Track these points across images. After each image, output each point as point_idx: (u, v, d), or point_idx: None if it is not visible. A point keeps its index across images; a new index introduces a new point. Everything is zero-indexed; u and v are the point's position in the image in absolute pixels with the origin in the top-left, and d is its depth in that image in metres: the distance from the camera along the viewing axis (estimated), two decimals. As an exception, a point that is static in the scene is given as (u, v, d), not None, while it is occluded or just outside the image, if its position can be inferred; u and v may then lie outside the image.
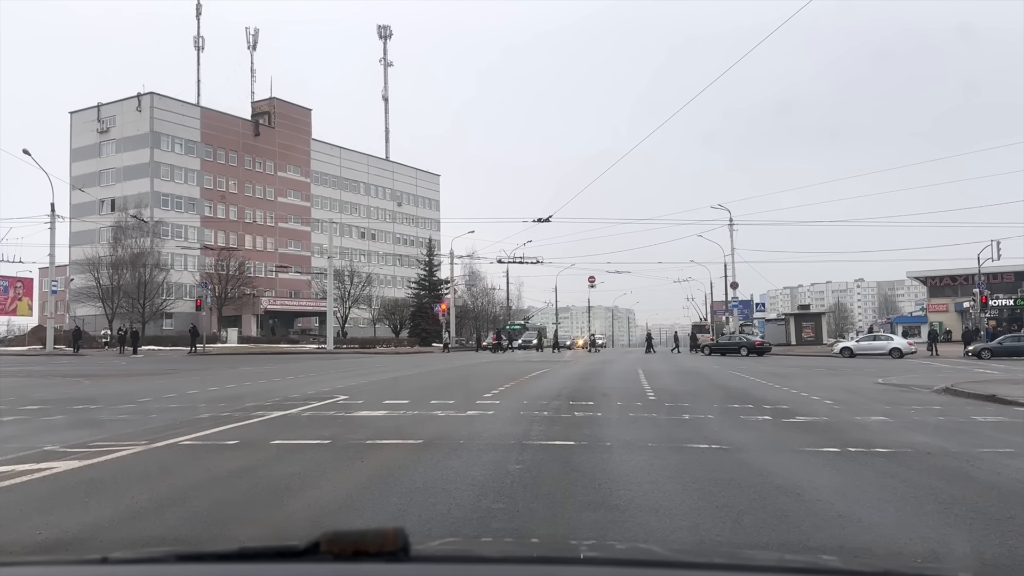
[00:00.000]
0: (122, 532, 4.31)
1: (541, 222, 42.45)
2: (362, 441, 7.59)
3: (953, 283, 66.71)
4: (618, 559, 1.58)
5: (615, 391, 14.86)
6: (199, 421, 9.49)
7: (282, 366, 26.85)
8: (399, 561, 1.21)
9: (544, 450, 7.08)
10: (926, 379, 18.84)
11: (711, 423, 9.49)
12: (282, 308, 72.82)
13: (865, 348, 36.94)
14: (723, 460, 6.57)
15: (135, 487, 5.52)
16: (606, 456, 6.73)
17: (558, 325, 78.64)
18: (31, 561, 1.78)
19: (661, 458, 6.68)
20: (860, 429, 8.99)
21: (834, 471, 6.14)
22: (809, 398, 13.33)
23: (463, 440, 7.65)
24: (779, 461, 6.58)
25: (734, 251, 51.39)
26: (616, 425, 9.19)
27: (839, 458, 6.76)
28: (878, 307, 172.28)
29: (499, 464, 6.27)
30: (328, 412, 10.61)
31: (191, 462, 6.60)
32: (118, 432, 8.56)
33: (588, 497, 5.06)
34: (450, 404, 11.58)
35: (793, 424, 9.51)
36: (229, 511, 4.87)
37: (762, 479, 5.70)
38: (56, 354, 40.37)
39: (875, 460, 6.63)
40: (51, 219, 43.08)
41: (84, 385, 17.91)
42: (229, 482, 5.72)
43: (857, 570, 1.59)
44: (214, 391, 15.04)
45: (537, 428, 8.74)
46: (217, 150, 74.01)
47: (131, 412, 10.93)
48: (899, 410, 11.31)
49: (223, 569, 1.30)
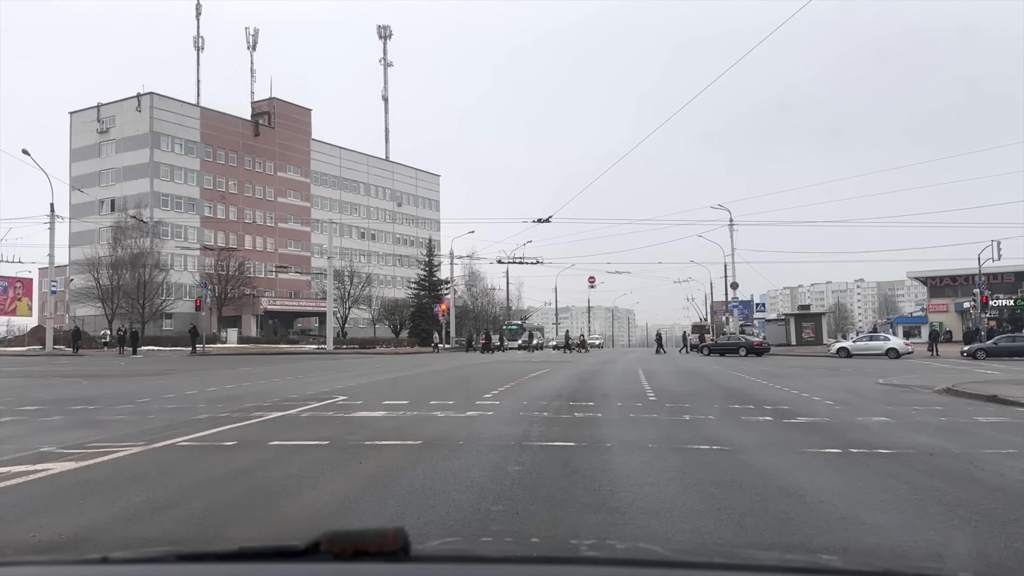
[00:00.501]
0: (118, 534, 4.26)
1: (541, 222, 42.40)
2: (361, 442, 7.55)
3: (953, 283, 66.65)
4: (618, 559, 1.58)
5: (615, 392, 14.82)
6: (197, 422, 9.45)
7: (281, 366, 26.81)
8: (399, 561, 1.21)
9: (544, 451, 7.03)
10: (927, 380, 18.78)
11: (712, 424, 9.45)
12: (282, 308, 72.79)
13: (862, 348, 36.95)
14: (724, 461, 6.53)
15: (131, 488, 5.47)
16: (606, 457, 6.68)
17: (558, 325, 78.58)
18: (31, 561, 1.77)
19: (662, 459, 6.64)
20: (862, 430, 8.95)
21: (836, 472, 6.09)
22: (810, 399, 13.29)
23: (462, 441, 7.60)
24: (781, 462, 6.54)
25: (734, 251, 51.42)
26: (616, 426, 9.15)
27: (841, 459, 6.71)
28: (878, 307, 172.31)
29: (498, 465, 6.22)
30: (327, 413, 10.57)
31: (188, 463, 6.55)
32: (116, 433, 8.52)
33: (588, 499, 5.01)
34: (449, 405, 11.53)
35: (794, 425, 9.46)
36: (225, 513, 4.82)
37: (764, 481, 5.66)
38: (55, 354, 40.32)
39: (877, 461, 6.58)
40: (51, 219, 43.05)
41: (83, 386, 17.86)
42: (226, 483, 5.67)
43: (857, 570, 1.58)
44: (213, 392, 15.00)
45: (537, 429, 8.70)
46: (217, 150, 73.94)
47: (129, 413, 10.88)
48: (900, 411, 11.26)
49: (223, 569, 1.30)
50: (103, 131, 71.03)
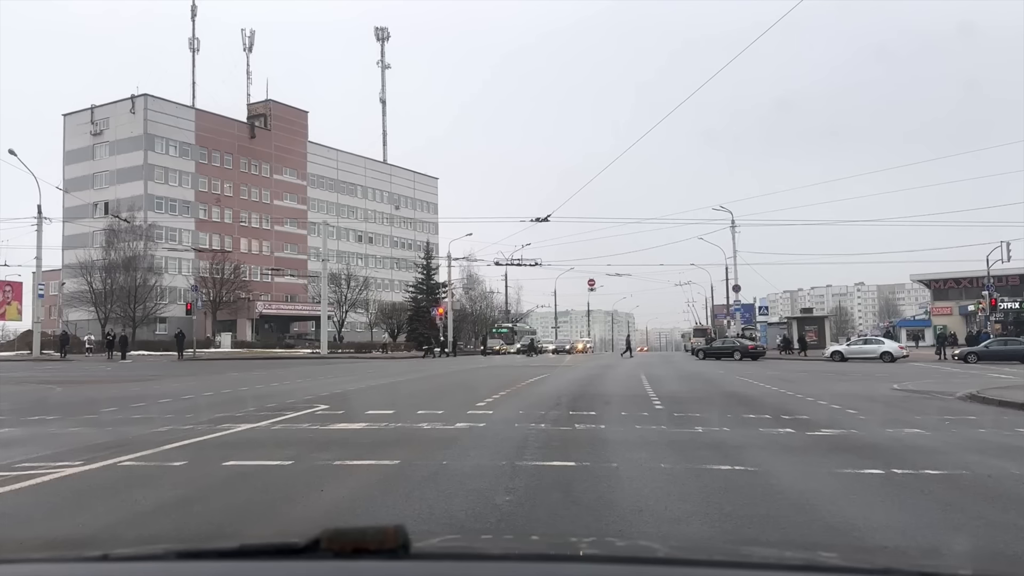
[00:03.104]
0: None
1: (539, 221, 41.47)
2: (329, 462, 6.55)
3: (957, 286, 65.80)
4: (618, 556, 1.55)
5: (618, 398, 13.84)
6: (155, 435, 8.46)
7: (271, 372, 25.80)
8: (399, 558, 1.20)
9: (540, 474, 6.05)
10: (942, 385, 17.89)
11: (727, 437, 8.45)
12: (278, 312, 71.75)
13: (856, 352, 36.59)
14: (752, 487, 5.54)
15: (38, 524, 4.50)
16: (613, 483, 5.68)
17: (557, 328, 77.56)
18: (32, 558, 1.72)
19: (679, 484, 5.65)
20: (897, 444, 7.97)
21: (888, 503, 5.10)
22: (828, 406, 12.31)
23: (446, 461, 6.61)
24: (819, 489, 5.55)
25: (736, 253, 50.42)
26: (622, 440, 8.15)
27: (887, 484, 5.73)
28: (879, 311, 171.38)
29: (485, 495, 5.23)
30: (302, 425, 9.56)
31: (119, 490, 5.56)
32: (59, 449, 7.54)
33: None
34: (438, 415, 10.54)
35: (820, 439, 8.48)
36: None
37: (806, 515, 4.67)
38: (43, 360, 39.30)
39: (931, 486, 5.61)
40: (38, 222, 42.07)
41: (55, 392, 16.89)
42: (152, 519, 4.66)
43: (857, 567, 1.52)
44: (188, 399, 14.01)
45: (533, 444, 7.71)
46: (212, 152, 72.93)
47: (86, 424, 9.91)
48: (931, 421, 10.27)
49: (223, 567, 1.29)
50: (97, 133, 70.05)
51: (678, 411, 11.32)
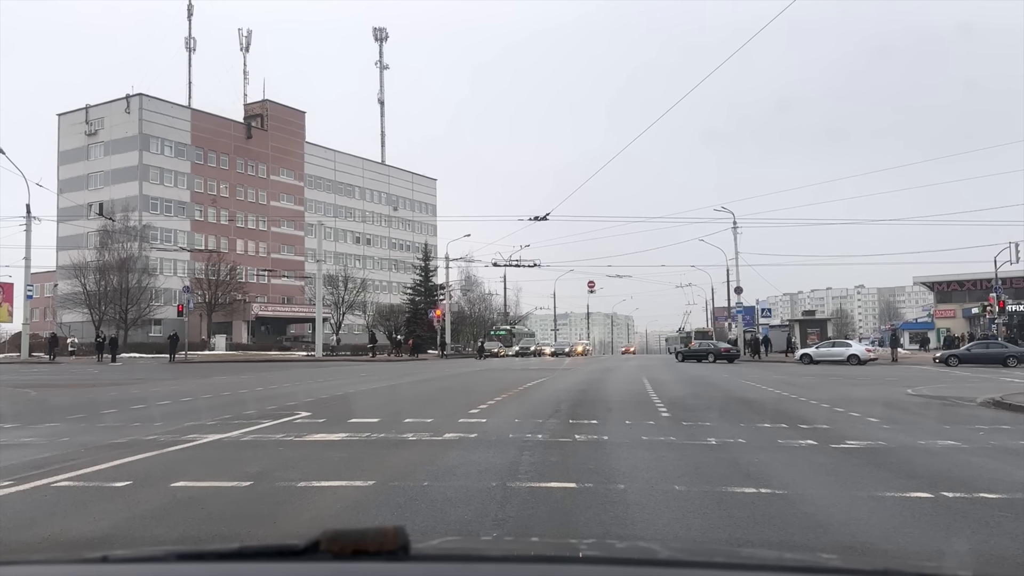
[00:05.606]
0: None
1: (538, 220, 40.62)
2: (293, 483, 5.69)
3: (961, 288, 64.97)
4: (618, 558, 1.54)
5: (621, 405, 13.00)
6: (108, 449, 7.61)
7: (262, 375, 24.95)
8: (399, 560, 1.20)
9: (535, 498, 5.21)
10: (956, 389, 17.11)
11: (745, 450, 7.61)
12: (274, 314, 70.84)
13: (824, 355, 36.90)
14: (786, 517, 4.70)
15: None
16: (620, 512, 4.82)
17: (556, 331, 76.70)
18: (31, 560, 1.72)
19: (699, 514, 4.79)
20: (935, 460, 7.14)
21: (954, 539, 4.26)
22: (847, 414, 11.46)
23: (427, 481, 5.75)
24: (864, 519, 4.70)
25: (738, 255, 49.57)
26: (628, 455, 7.31)
27: (940, 512, 4.90)
28: (879, 313, 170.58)
29: (470, 526, 4.39)
30: (275, 436, 8.71)
31: (36, 521, 4.70)
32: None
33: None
34: (427, 423, 9.70)
35: (847, 452, 7.64)
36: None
37: (856, 556, 3.84)
38: (32, 362, 38.45)
39: (992, 515, 4.78)
40: (27, 222, 41.16)
41: (26, 397, 16.06)
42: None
43: (857, 568, 1.49)
44: (164, 405, 13.15)
45: (528, 460, 6.86)
46: (208, 153, 72.09)
47: (44, 434, 9.07)
48: (963, 432, 9.43)
49: (223, 568, 1.29)
50: (91, 133, 69.22)
51: (686, 419, 10.48)
